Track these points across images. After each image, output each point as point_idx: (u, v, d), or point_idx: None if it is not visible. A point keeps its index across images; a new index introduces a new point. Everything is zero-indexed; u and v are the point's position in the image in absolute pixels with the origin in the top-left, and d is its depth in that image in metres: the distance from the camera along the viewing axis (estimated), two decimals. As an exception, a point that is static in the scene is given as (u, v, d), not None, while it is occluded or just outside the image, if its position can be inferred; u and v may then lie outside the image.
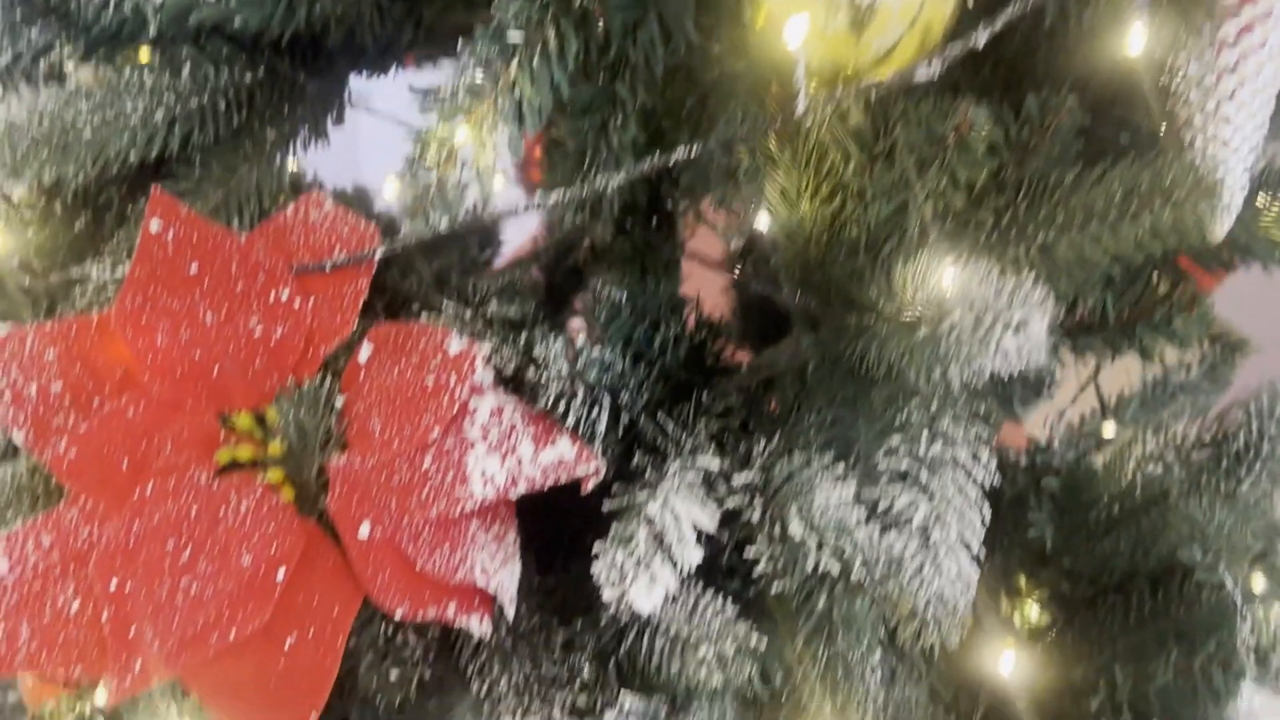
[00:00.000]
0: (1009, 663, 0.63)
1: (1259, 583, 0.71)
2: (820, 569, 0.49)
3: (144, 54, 0.61)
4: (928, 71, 0.47)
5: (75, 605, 0.51)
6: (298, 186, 0.62)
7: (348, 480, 0.52)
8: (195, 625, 0.50)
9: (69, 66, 0.60)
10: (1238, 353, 0.91)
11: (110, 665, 0.50)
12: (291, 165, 0.64)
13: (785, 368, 0.59)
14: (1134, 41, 0.48)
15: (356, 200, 0.66)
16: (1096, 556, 0.69)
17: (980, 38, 0.46)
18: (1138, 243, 0.49)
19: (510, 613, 0.54)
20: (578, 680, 0.57)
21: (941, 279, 0.49)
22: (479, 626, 0.54)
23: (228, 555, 0.51)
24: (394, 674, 0.58)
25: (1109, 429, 0.86)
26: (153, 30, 0.58)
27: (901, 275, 0.51)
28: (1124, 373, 0.91)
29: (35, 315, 0.63)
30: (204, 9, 0.58)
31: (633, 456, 0.57)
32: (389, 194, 0.62)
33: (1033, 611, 0.74)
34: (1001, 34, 0.48)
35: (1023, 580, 0.74)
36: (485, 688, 0.57)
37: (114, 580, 0.50)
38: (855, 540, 0.50)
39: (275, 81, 0.63)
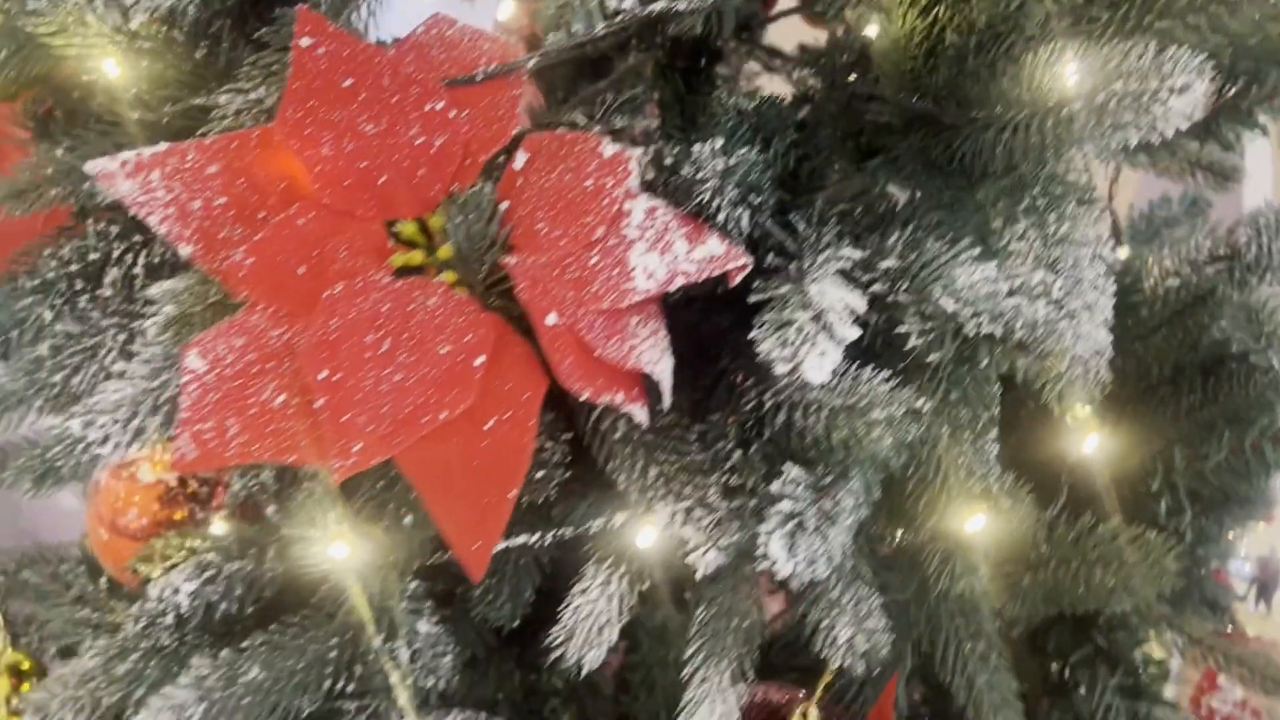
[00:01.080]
0: (1091, 445, 0.69)
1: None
2: (979, 334, 0.54)
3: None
4: None
5: (280, 399, 0.54)
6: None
7: (528, 275, 0.55)
8: (405, 409, 0.52)
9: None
10: (1230, 180, 0.97)
11: (328, 450, 0.52)
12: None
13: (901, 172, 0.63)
14: None
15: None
16: (1150, 351, 0.75)
17: None
18: (1256, 25, 0.54)
19: (668, 401, 0.57)
20: (727, 464, 0.61)
21: (1078, 62, 0.53)
22: (640, 414, 0.57)
23: (426, 346, 0.54)
24: (538, 475, 0.62)
25: (1123, 251, 0.92)
26: None
27: (1033, 63, 0.55)
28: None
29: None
30: None
31: (765, 256, 0.61)
32: (502, 14, 0.64)
33: (1081, 410, 0.79)
34: None
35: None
36: (635, 480, 0.61)
37: (323, 372, 0.52)
38: (1004, 309, 0.54)
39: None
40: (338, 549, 0.61)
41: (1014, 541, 0.65)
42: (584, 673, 0.61)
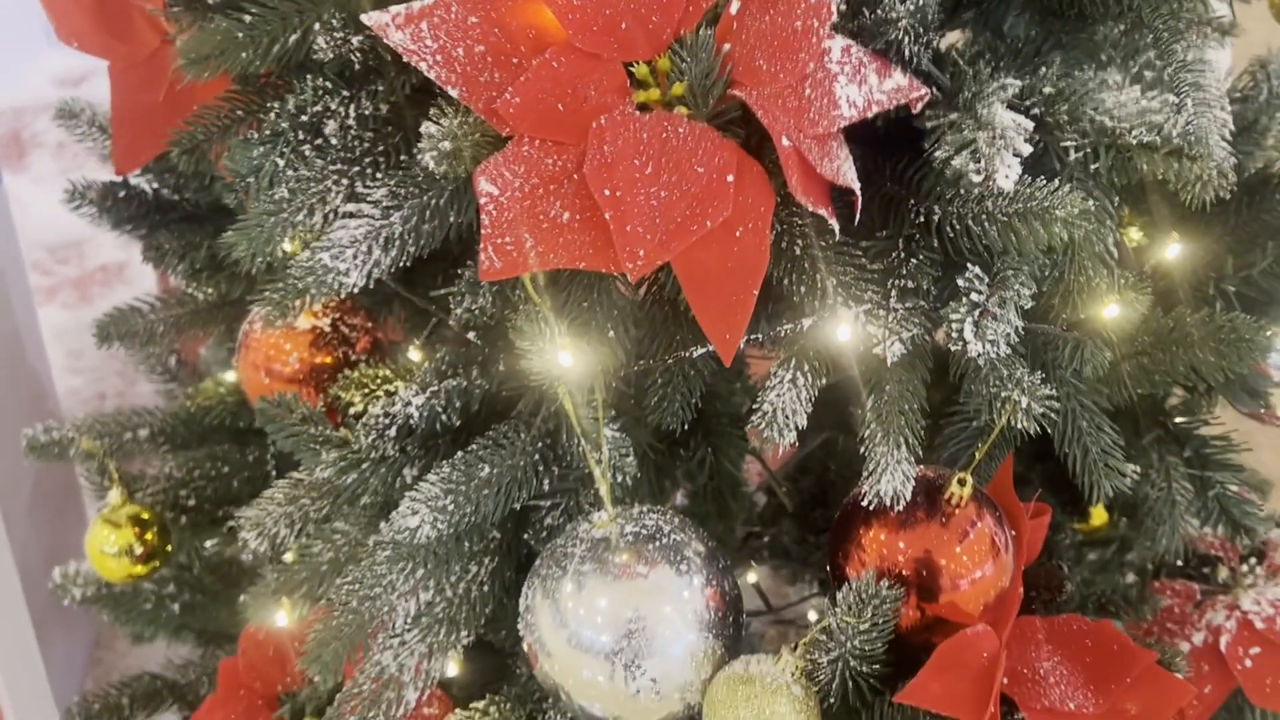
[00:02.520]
0: (1174, 250, 0.81)
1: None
2: (1139, 144, 0.65)
3: None
4: None
5: (565, 215, 0.62)
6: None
7: (761, 104, 0.64)
8: (676, 220, 0.62)
9: None
10: (1229, 34, 1.10)
11: (613, 254, 0.61)
12: None
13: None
14: None
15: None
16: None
17: None
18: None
19: (859, 211, 0.68)
20: (901, 271, 0.72)
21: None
22: (834, 222, 0.67)
23: (684, 167, 0.63)
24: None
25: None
26: None
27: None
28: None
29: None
30: None
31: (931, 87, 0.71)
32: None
33: (1134, 233, 0.92)
34: None
35: (1125, 210, 0.92)
36: (816, 290, 0.71)
37: (606, 190, 0.61)
38: (1157, 122, 0.66)
39: None
40: (564, 358, 0.71)
41: (1122, 329, 0.77)
42: (781, 450, 0.72)
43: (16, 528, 1.40)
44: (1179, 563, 1.09)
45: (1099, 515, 1.09)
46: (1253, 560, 1.07)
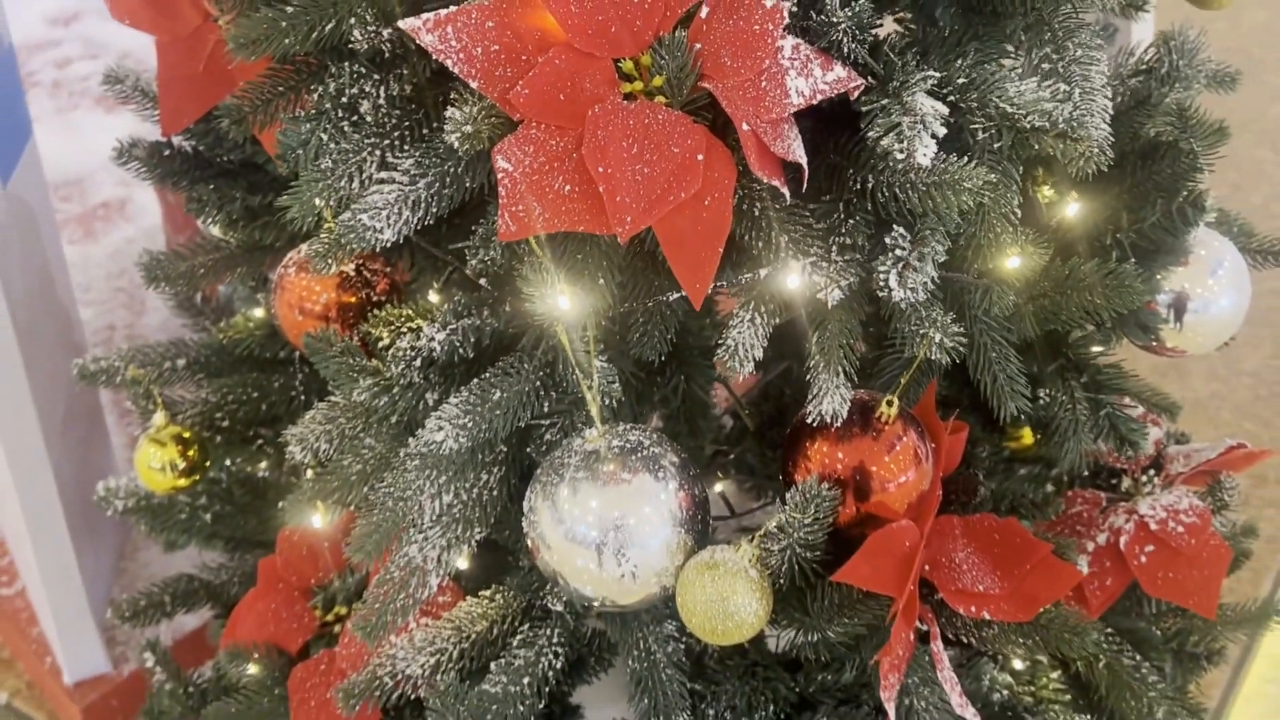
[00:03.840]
0: (1073, 209, 0.97)
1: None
2: (1033, 128, 0.80)
3: None
4: None
5: (567, 188, 0.77)
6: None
7: (725, 95, 0.79)
8: (657, 191, 0.77)
9: None
10: (1139, 9, 1.24)
11: (606, 220, 0.76)
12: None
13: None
14: None
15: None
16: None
17: None
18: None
19: (804, 184, 0.82)
20: (840, 230, 0.87)
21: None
22: (785, 191, 0.82)
23: (663, 147, 0.77)
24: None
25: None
26: None
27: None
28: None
29: (407, 14, 0.85)
30: None
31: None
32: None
33: (1047, 191, 1.07)
34: None
35: (1039, 171, 1.07)
36: (770, 245, 0.86)
37: (600, 167, 0.76)
38: (1048, 109, 0.81)
39: None
40: (562, 301, 0.86)
41: (1025, 277, 0.92)
42: (743, 378, 0.87)
43: (53, 447, 1.54)
44: (1089, 474, 1.26)
45: (1027, 435, 1.26)
46: (1151, 472, 1.24)
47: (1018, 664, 1.19)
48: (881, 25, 0.86)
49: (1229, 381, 2.34)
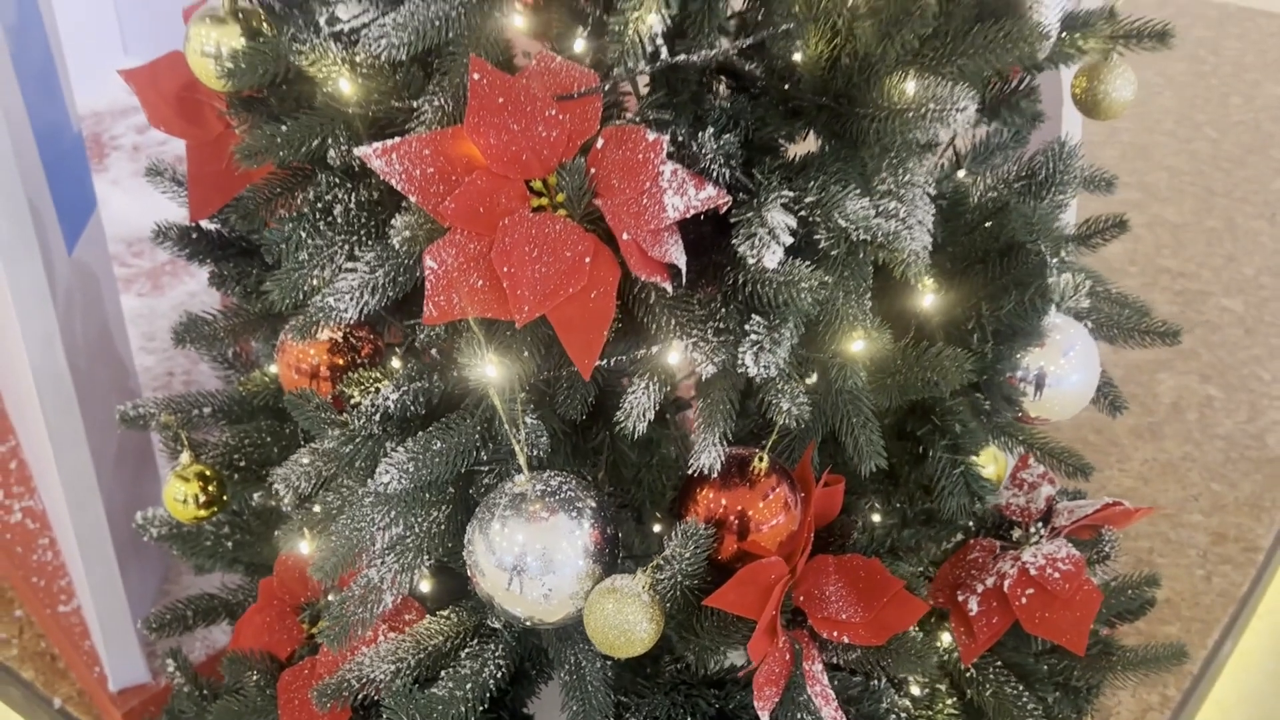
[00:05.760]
0: (928, 300, 1.15)
1: (1062, 254, 1.25)
2: (859, 240, 0.99)
3: None
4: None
5: (480, 282, 0.97)
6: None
7: (611, 210, 0.99)
8: (550, 288, 0.97)
9: None
10: (1036, 120, 1.42)
11: (509, 309, 0.96)
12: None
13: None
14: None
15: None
16: (972, 241, 1.21)
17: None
18: (1010, 61, 0.99)
19: (683, 280, 1.02)
20: (716, 315, 1.06)
21: (914, 86, 0.97)
22: (668, 286, 1.01)
23: (557, 252, 0.97)
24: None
25: (961, 173, 1.37)
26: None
27: (889, 84, 1.00)
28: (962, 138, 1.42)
29: (373, 138, 1.06)
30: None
31: (736, 194, 1.05)
32: (580, 46, 1.06)
33: (929, 280, 1.25)
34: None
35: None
36: (662, 328, 1.05)
37: (506, 267, 0.96)
38: (873, 225, 0.99)
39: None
40: (491, 369, 1.06)
41: (882, 357, 1.11)
42: (634, 437, 1.06)
43: (104, 480, 1.77)
44: (993, 525, 1.43)
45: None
46: (1040, 524, 1.41)
47: (915, 690, 1.37)
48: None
49: (1202, 445, 2.48)
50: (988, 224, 1.22)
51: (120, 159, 3.26)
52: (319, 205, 1.10)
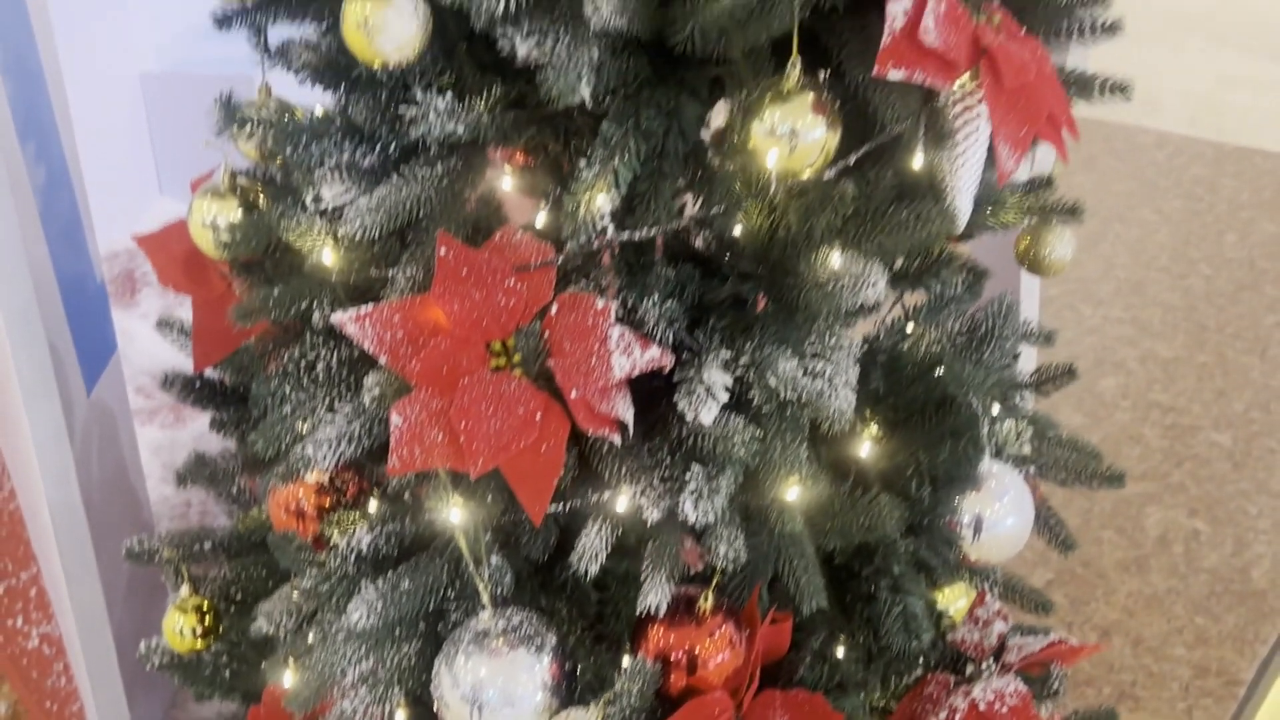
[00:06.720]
0: (867, 450, 1.24)
1: (994, 408, 1.34)
2: (786, 397, 1.08)
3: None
4: (829, 171, 1.06)
5: (440, 436, 1.07)
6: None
7: (562, 370, 1.09)
8: (503, 442, 1.06)
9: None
10: (981, 279, 1.52)
11: (465, 462, 1.06)
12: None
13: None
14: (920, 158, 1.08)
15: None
16: (912, 393, 1.30)
17: (852, 158, 1.05)
18: (924, 239, 1.09)
19: (630, 433, 1.11)
20: (663, 464, 1.15)
21: (839, 260, 1.08)
22: (616, 438, 1.11)
23: (510, 408, 1.07)
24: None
25: (910, 327, 1.47)
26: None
27: (816, 258, 1.10)
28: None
29: (353, 302, 1.17)
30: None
31: (680, 354, 1.15)
32: (540, 222, 1.17)
33: (873, 429, 1.34)
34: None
35: (867, 412, 1.34)
36: (614, 474, 1.15)
37: (463, 422, 1.06)
38: (801, 384, 1.09)
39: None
40: (455, 513, 1.15)
41: (819, 504, 1.20)
42: (587, 578, 1.15)
43: (114, 609, 1.86)
44: (950, 660, 1.50)
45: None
46: (993, 660, 1.47)
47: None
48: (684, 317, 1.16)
49: (1187, 578, 2.53)
50: (927, 376, 1.31)
51: (150, 295, 3.41)
52: (303, 362, 1.20)
